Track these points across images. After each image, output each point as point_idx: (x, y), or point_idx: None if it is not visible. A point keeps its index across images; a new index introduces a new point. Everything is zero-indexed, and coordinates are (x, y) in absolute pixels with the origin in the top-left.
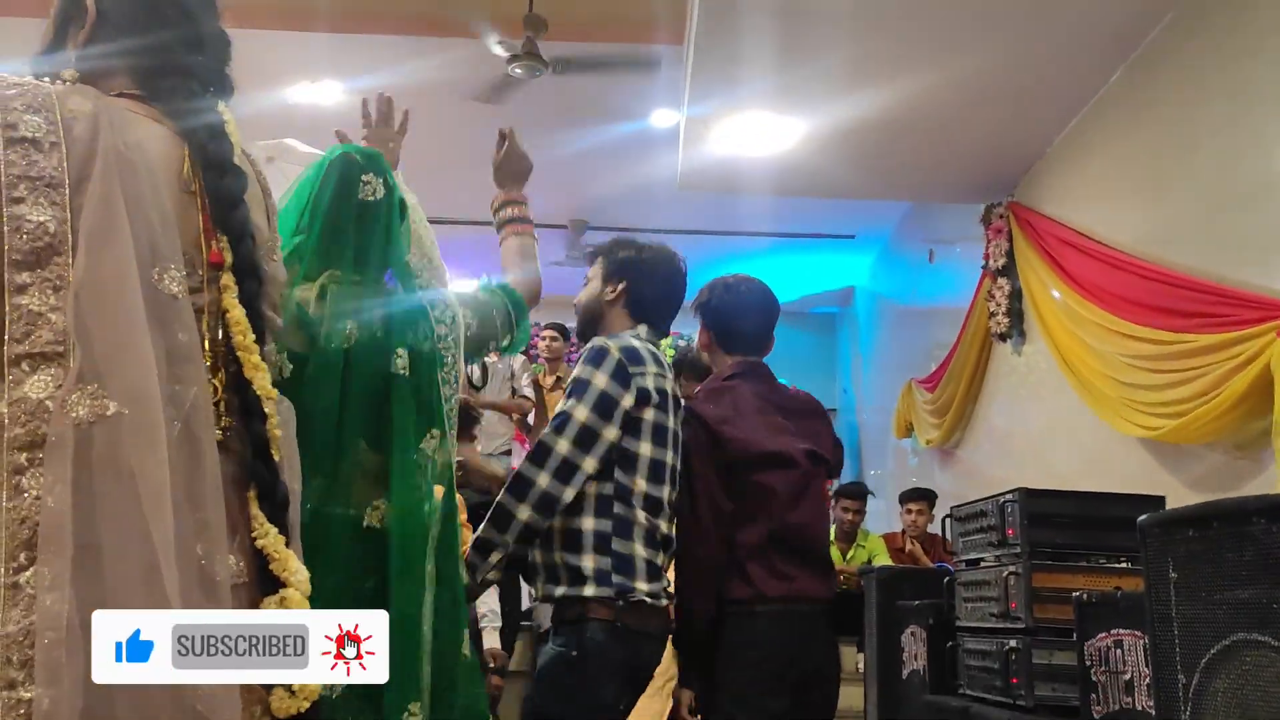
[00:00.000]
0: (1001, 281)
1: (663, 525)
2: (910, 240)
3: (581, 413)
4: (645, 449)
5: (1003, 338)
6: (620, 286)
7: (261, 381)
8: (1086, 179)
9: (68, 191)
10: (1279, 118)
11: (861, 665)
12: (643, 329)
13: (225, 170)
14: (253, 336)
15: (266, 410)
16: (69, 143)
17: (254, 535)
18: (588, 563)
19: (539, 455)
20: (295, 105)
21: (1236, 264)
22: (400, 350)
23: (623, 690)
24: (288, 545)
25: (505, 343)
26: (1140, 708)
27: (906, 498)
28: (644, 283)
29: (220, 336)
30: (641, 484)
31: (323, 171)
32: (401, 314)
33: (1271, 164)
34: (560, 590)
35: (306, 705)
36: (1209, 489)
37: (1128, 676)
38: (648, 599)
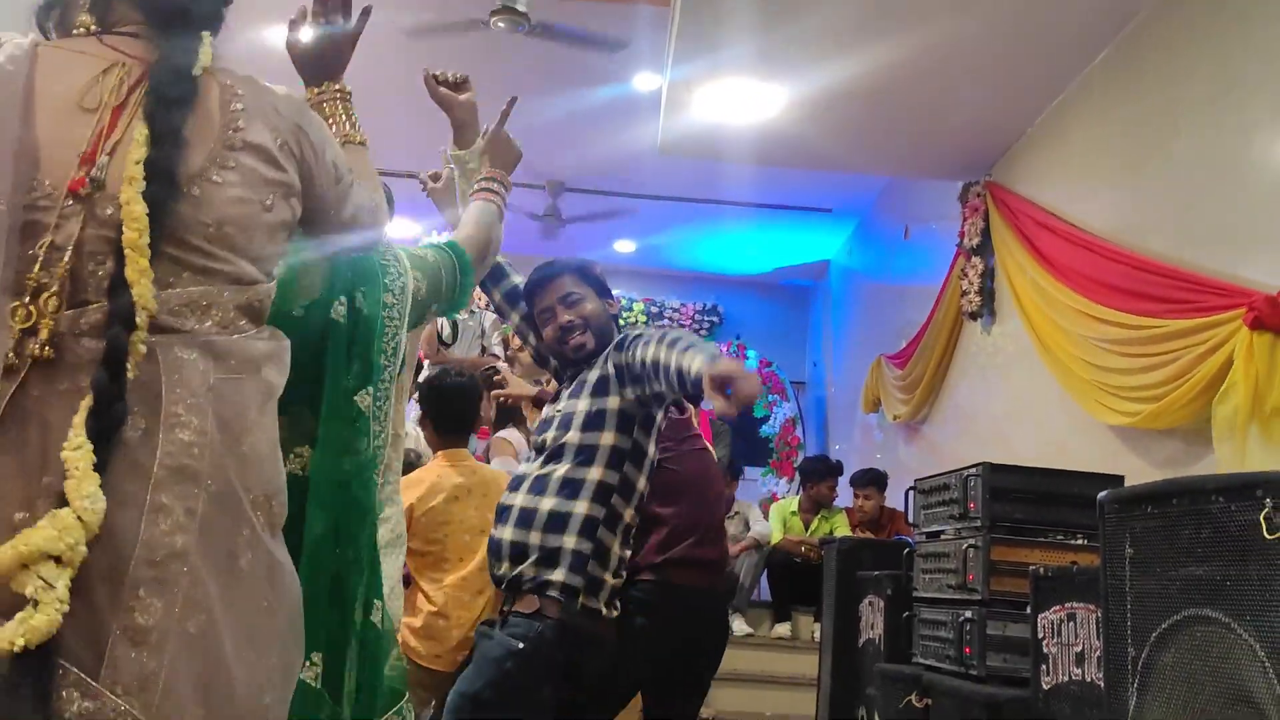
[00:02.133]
0: (975, 260)
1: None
2: (886, 216)
3: None
4: (651, 449)
5: (974, 316)
6: (612, 302)
7: (142, 289)
8: (1065, 161)
9: None
10: (1259, 107)
11: (817, 634)
12: None
13: (170, 75)
14: (146, 239)
15: (137, 321)
16: None
17: (63, 446)
18: (569, 543)
19: None
20: (271, 50)
21: (1209, 251)
22: (341, 299)
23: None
24: (100, 469)
25: (446, 305)
26: (1089, 679)
27: (857, 483)
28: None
29: (86, 260)
30: (643, 483)
31: None
32: (348, 264)
33: (1248, 153)
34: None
35: (22, 642)
36: (1171, 471)
37: (1079, 649)
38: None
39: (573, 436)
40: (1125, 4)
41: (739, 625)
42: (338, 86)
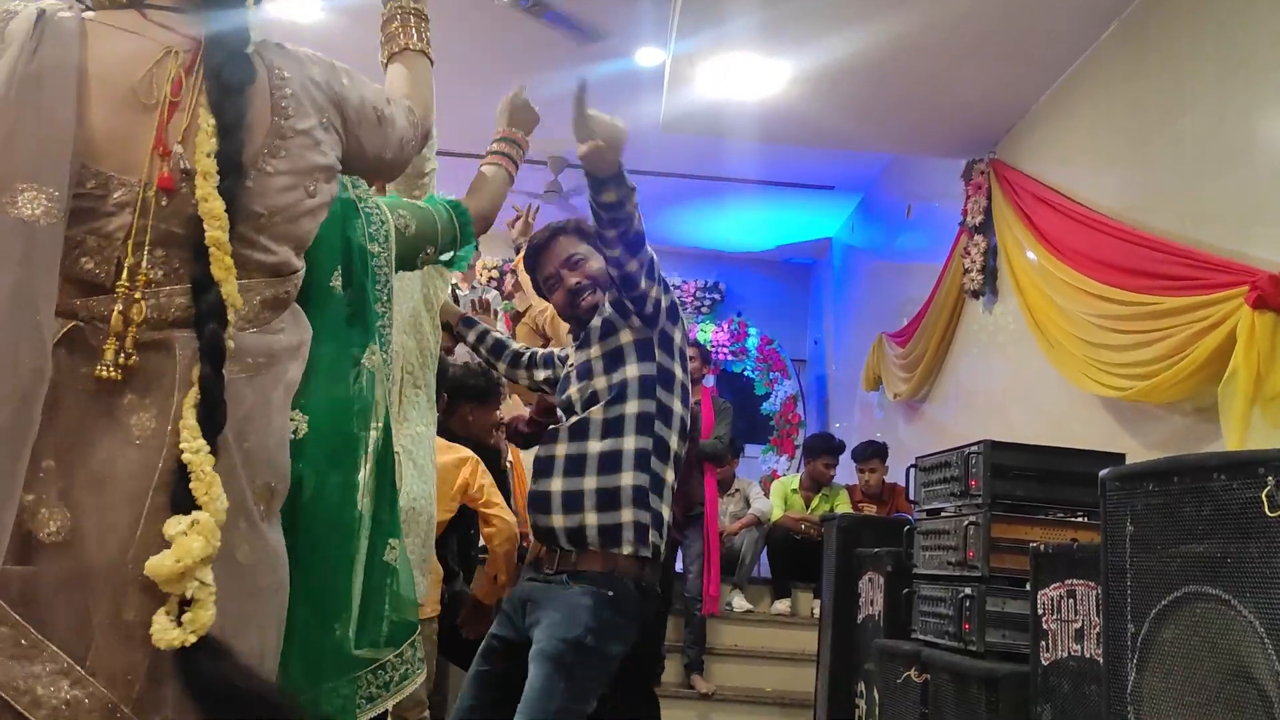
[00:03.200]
0: (978, 238)
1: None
2: (889, 194)
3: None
4: (679, 371)
5: (975, 295)
6: None
7: (230, 286)
8: (1070, 138)
9: None
10: (1265, 86)
11: (817, 610)
12: None
13: (228, 58)
14: (227, 234)
15: (229, 317)
16: None
17: (180, 448)
18: (627, 480)
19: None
20: (272, 21)
21: (1213, 229)
22: (337, 269)
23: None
24: (216, 466)
25: (447, 257)
26: (1089, 655)
27: (860, 456)
28: None
29: (152, 261)
30: (679, 407)
31: None
32: (332, 224)
33: (1255, 132)
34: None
35: (193, 638)
36: (1168, 450)
37: (1078, 625)
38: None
39: (599, 381)
40: None
41: (739, 601)
42: (412, 4)
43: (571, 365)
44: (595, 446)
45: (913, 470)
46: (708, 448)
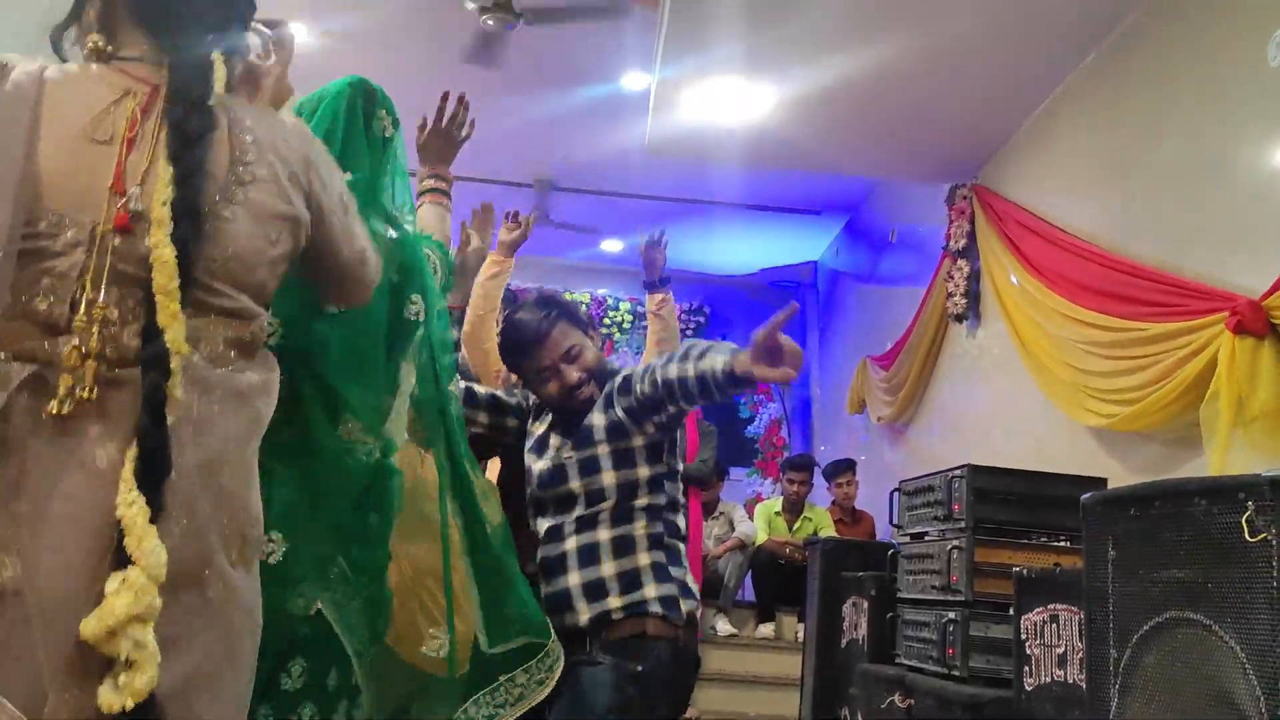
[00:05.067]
0: (961, 263)
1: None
2: (873, 218)
3: None
4: (679, 464)
5: (959, 319)
6: (594, 334)
7: (174, 334)
8: (1051, 164)
9: None
10: (1242, 114)
11: (801, 635)
12: None
13: (190, 108)
14: (177, 282)
15: (172, 366)
16: None
17: (117, 502)
18: (644, 559)
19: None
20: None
21: (1193, 255)
22: (415, 297)
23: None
24: (155, 520)
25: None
26: (1071, 680)
27: (831, 474)
28: None
29: (106, 300)
30: (680, 496)
31: (335, 103)
32: (412, 259)
33: (1233, 159)
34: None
35: (130, 702)
36: (1151, 474)
37: (1061, 650)
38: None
39: (607, 478)
40: (1111, 10)
41: (723, 626)
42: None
43: (566, 458)
44: (605, 534)
45: (896, 494)
46: (692, 470)
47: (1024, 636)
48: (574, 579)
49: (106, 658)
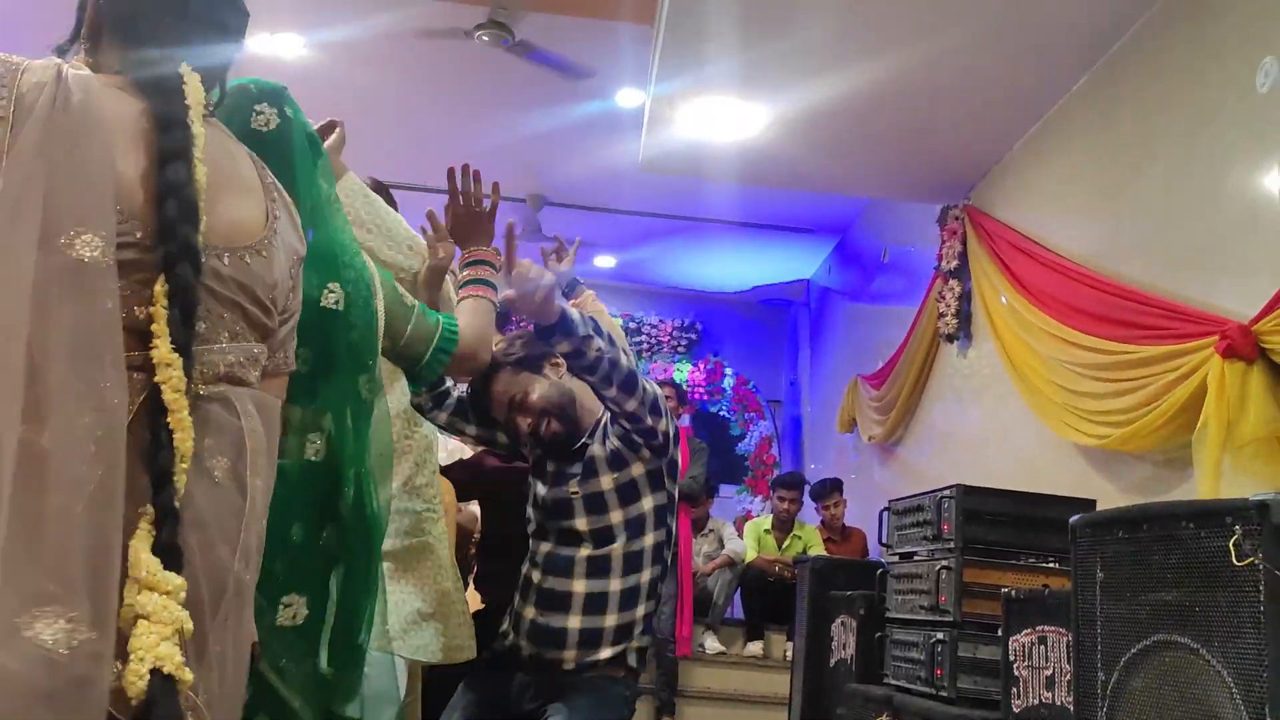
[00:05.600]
0: (953, 283)
1: None
2: (866, 238)
3: None
4: (677, 491)
5: (950, 339)
6: (553, 358)
7: (182, 437)
8: (1042, 186)
9: (3, 162)
10: (1233, 139)
11: (789, 653)
12: None
13: (165, 127)
14: (184, 388)
15: (175, 470)
16: (17, 115)
17: (138, 578)
18: (640, 611)
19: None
20: (254, 57)
21: (1183, 279)
22: (332, 285)
23: None
24: (159, 504)
25: (407, 364)
26: (1059, 703)
27: (820, 495)
28: None
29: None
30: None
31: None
32: (326, 248)
33: (1223, 184)
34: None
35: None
36: (1141, 496)
37: (1049, 672)
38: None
39: (615, 515)
40: (1103, 34)
41: (711, 643)
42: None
43: (574, 492)
44: (617, 585)
45: (886, 513)
46: (682, 487)
47: (1012, 658)
48: (574, 623)
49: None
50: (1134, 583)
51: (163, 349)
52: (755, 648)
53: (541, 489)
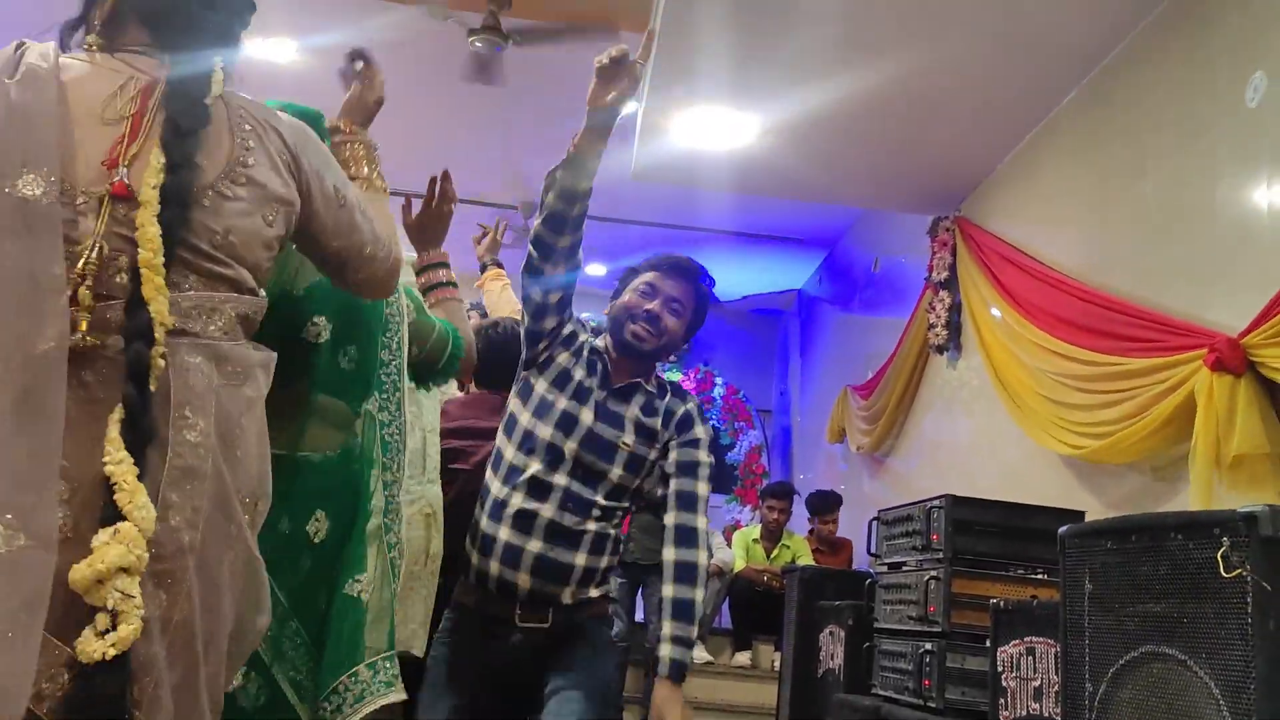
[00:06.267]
0: (943, 294)
1: None
2: (857, 248)
3: None
4: None
5: (940, 350)
6: (685, 347)
7: (159, 306)
8: (1033, 198)
9: None
10: (1223, 154)
11: (777, 663)
12: None
13: (187, 103)
14: (161, 258)
15: (155, 335)
16: None
17: (104, 461)
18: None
19: None
20: (248, 61)
21: (1172, 292)
22: (317, 319)
23: None
24: (141, 478)
25: (431, 373)
26: (1047, 714)
27: (821, 510)
28: None
29: (108, 260)
30: None
31: None
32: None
33: (1213, 198)
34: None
35: (113, 652)
36: (1129, 507)
37: (1037, 683)
38: None
39: (633, 483)
40: (1094, 47)
41: (699, 653)
42: (361, 136)
43: (627, 444)
44: (612, 531)
45: (874, 524)
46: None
47: (1000, 669)
48: (580, 560)
49: (89, 608)
50: (1122, 594)
51: (156, 278)
52: (743, 658)
53: (584, 412)
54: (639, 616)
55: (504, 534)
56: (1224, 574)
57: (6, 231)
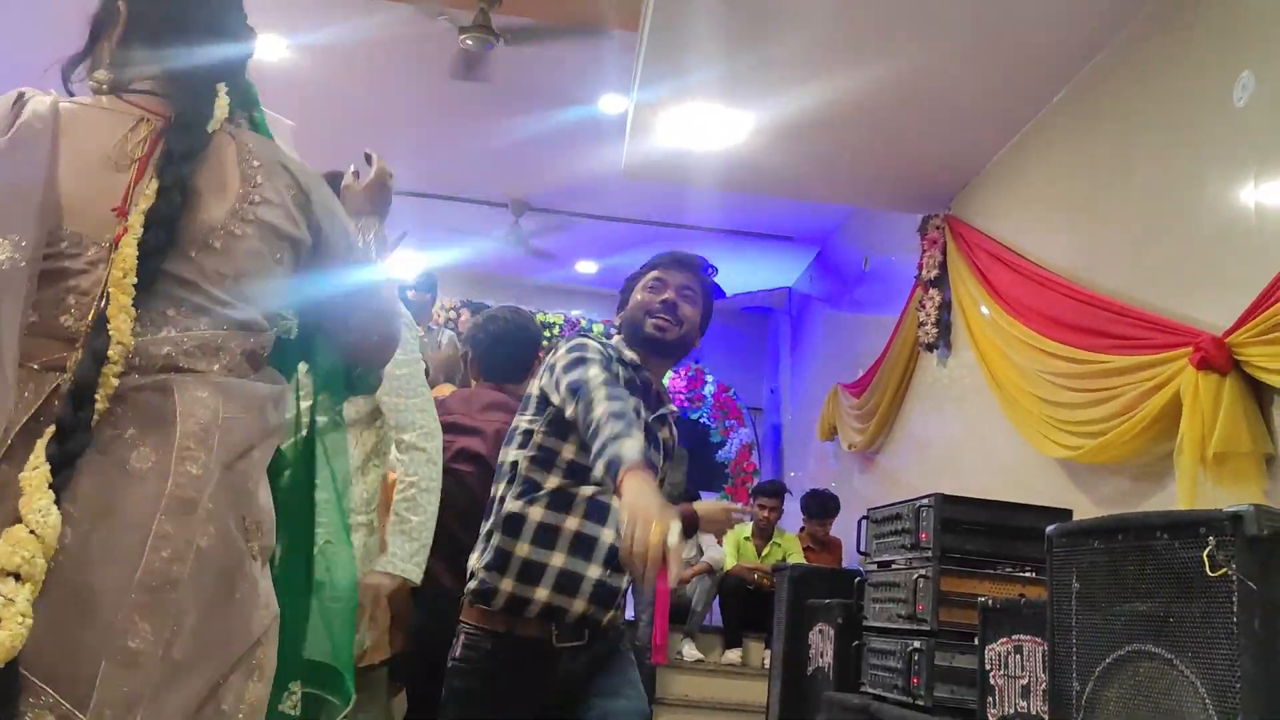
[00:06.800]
0: (933, 292)
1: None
2: (847, 246)
3: None
4: None
5: (930, 348)
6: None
7: (119, 324)
8: (1022, 197)
9: None
10: (1209, 154)
11: (767, 661)
12: None
13: (184, 130)
14: (132, 279)
15: (110, 354)
16: None
17: (21, 469)
18: None
19: None
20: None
21: (1159, 290)
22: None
23: None
24: (57, 489)
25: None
26: (1035, 712)
27: (819, 513)
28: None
29: (99, 304)
30: None
31: None
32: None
33: (1199, 198)
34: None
35: None
36: (1118, 506)
37: (1025, 682)
38: None
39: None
40: (1083, 47)
41: (689, 650)
42: (374, 222)
43: (660, 465)
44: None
45: (864, 521)
46: (663, 495)
47: (988, 667)
48: (624, 583)
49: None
50: (1109, 593)
51: (122, 296)
52: (733, 655)
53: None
54: (628, 614)
55: (558, 560)
56: (1209, 573)
57: None
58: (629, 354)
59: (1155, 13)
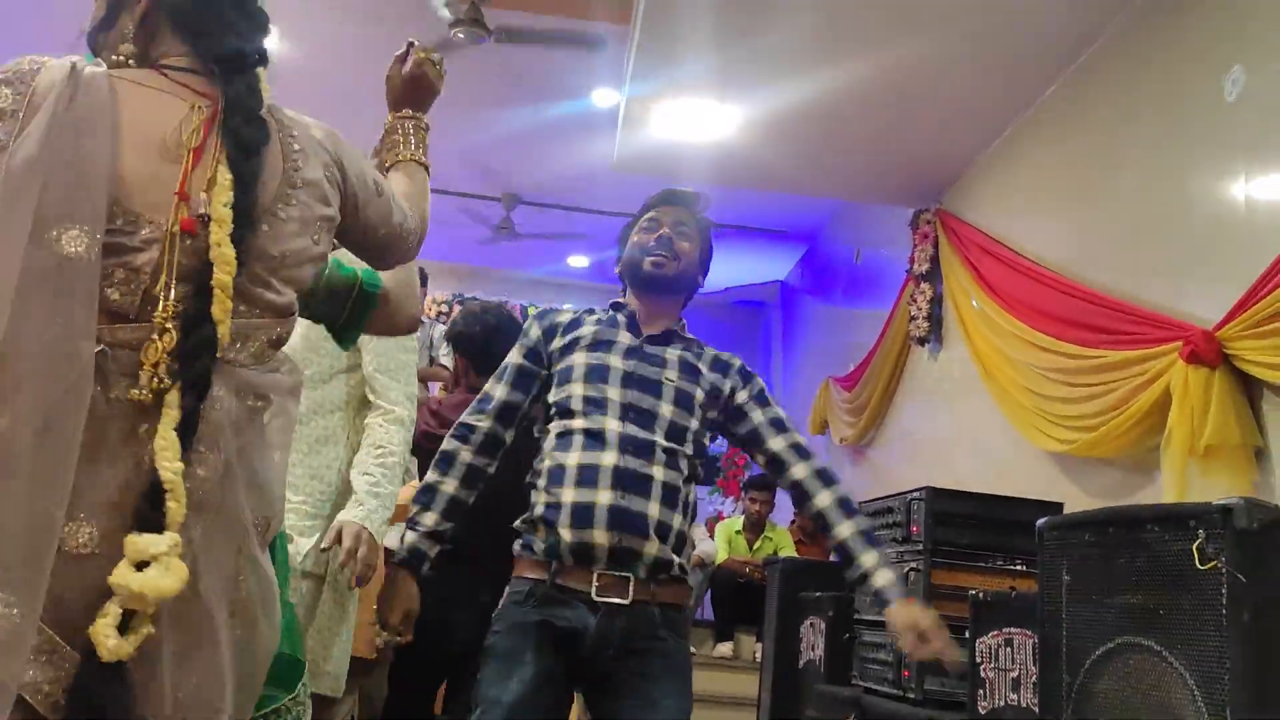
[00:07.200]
0: (924, 286)
1: None
2: (838, 240)
3: None
4: None
5: (921, 342)
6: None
7: (225, 328)
8: (1013, 191)
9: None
10: (1199, 149)
11: (759, 654)
12: None
13: (247, 121)
14: (232, 278)
15: (219, 354)
16: (27, 112)
17: (161, 467)
18: (684, 562)
19: None
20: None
21: (1149, 284)
22: None
23: None
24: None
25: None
26: (1025, 704)
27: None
28: None
29: (177, 295)
30: None
31: None
32: None
33: (1189, 192)
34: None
35: (131, 651)
36: (1110, 499)
37: (1015, 674)
38: None
39: (693, 424)
40: (1074, 41)
41: None
42: (416, 115)
43: (670, 378)
44: (685, 487)
45: None
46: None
47: (979, 660)
48: (654, 511)
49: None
50: (1100, 585)
51: (224, 298)
52: (725, 648)
53: (620, 363)
54: None
55: (568, 496)
56: (1199, 566)
57: (37, 289)
58: (620, 300)
59: (1146, 7)
